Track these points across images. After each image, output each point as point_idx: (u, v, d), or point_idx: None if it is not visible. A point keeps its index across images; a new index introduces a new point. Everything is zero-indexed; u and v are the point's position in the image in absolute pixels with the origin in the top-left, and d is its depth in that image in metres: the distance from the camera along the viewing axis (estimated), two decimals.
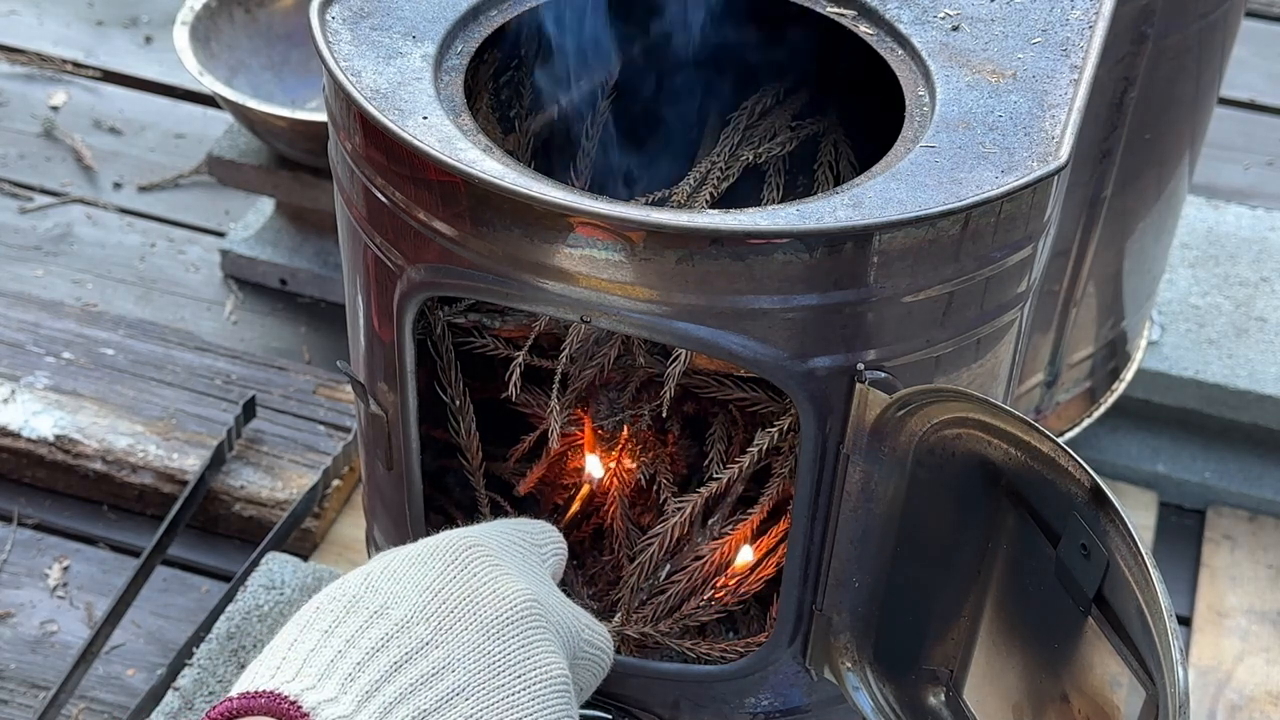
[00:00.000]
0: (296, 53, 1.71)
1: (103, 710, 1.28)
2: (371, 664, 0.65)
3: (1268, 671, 1.32)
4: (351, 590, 0.69)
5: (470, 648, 0.67)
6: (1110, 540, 0.71)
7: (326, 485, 1.42)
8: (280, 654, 0.66)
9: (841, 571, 0.85)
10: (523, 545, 0.77)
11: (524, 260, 0.76)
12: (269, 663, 0.65)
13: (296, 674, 0.64)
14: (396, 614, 0.67)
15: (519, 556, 0.75)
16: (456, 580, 0.69)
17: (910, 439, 0.79)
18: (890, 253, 0.74)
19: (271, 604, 1.25)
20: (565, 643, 0.73)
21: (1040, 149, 0.78)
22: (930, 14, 0.88)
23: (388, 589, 0.69)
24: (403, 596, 0.68)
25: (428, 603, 0.68)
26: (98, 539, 1.43)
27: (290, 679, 0.64)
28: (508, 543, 0.76)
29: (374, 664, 0.65)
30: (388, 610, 0.67)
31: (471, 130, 0.80)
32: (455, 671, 0.66)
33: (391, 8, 0.87)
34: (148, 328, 1.57)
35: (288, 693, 0.63)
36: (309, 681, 0.64)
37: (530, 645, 0.69)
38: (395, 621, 0.67)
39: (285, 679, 0.64)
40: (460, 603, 0.69)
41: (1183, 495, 1.48)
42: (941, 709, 0.88)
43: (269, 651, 0.66)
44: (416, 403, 0.89)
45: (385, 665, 0.65)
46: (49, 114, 1.94)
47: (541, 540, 0.79)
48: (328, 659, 0.65)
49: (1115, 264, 1.24)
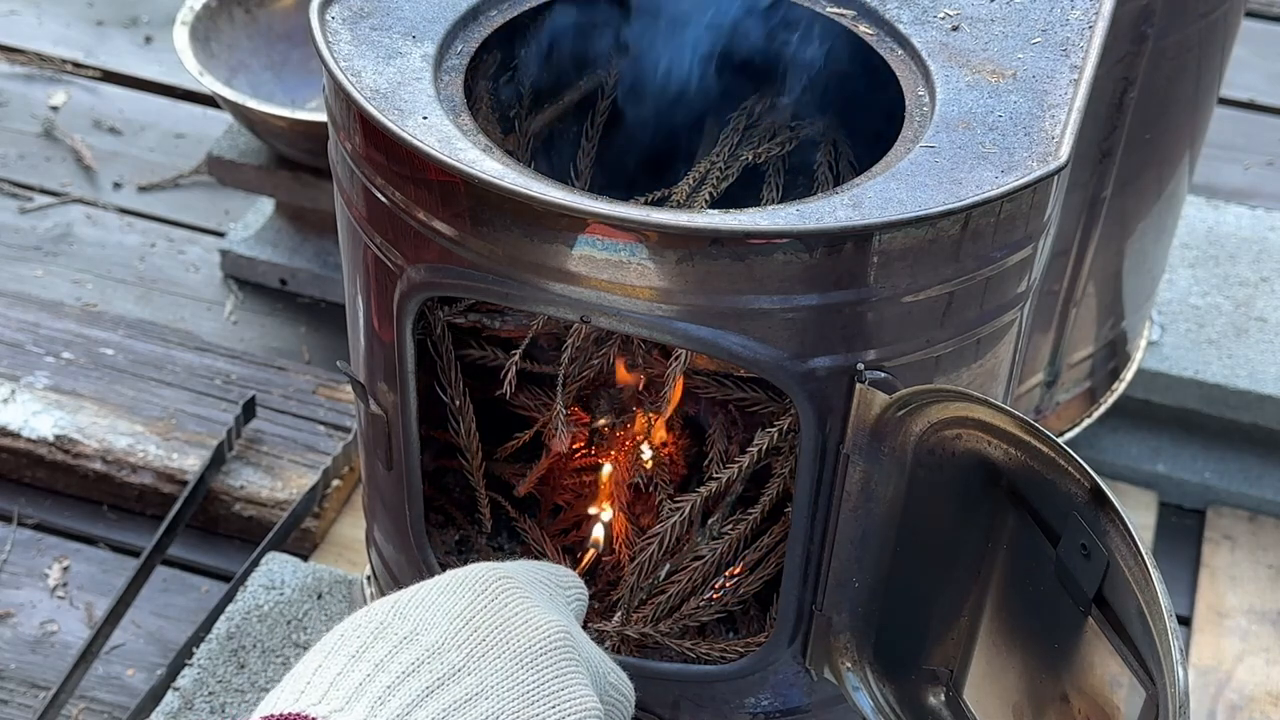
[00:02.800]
0: (296, 53, 1.71)
1: (103, 710, 1.28)
2: (402, 688, 0.63)
3: (1268, 671, 1.32)
4: (379, 617, 0.67)
5: (503, 676, 0.65)
6: (1110, 540, 0.71)
7: (326, 485, 1.42)
8: (305, 678, 0.63)
9: (841, 571, 0.85)
10: (548, 584, 0.76)
11: (524, 260, 0.76)
12: (293, 687, 0.63)
13: (323, 697, 0.62)
14: (427, 640, 0.65)
15: (546, 595, 0.74)
16: (488, 610, 0.68)
17: (910, 439, 0.79)
18: (890, 253, 0.74)
19: (271, 604, 1.25)
20: (594, 680, 0.71)
21: (1040, 149, 0.78)
22: (930, 14, 0.88)
23: (417, 615, 0.67)
24: (433, 623, 0.66)
25: (459, 630, 0.66)
26: (98, 539, 1.43)
27: (316, 701, 0.62)
28: (535, 579, 0.74)
29: (404, 688, 0.63)
30: (418, 636, 0.65)
31: (471, 130, 0.80)
32: (488, 699, 0.64)
33: (391, 8, 0.87)
34: (148, 328, 1.57)
35: (315, 715, 0.61)
36: (336, 704, 0.62)
37: (563, 676, 0.67)
38: (426, 647, 0.65)
39: (311, 701, 0.62)
40: (492, 631, 0.67)
41: (1183, 495, 1.48)
42: (941, 709, 0.88)
43: (292, 677, 0.64)
44: (416, 403, 0.89)
45: (416, 690, 0.63)
46: (49, 114, 1.94)
47: (566, 584, 0.78)
48: (356, 682, 0.63)
49: (1115, 264, 1.24)
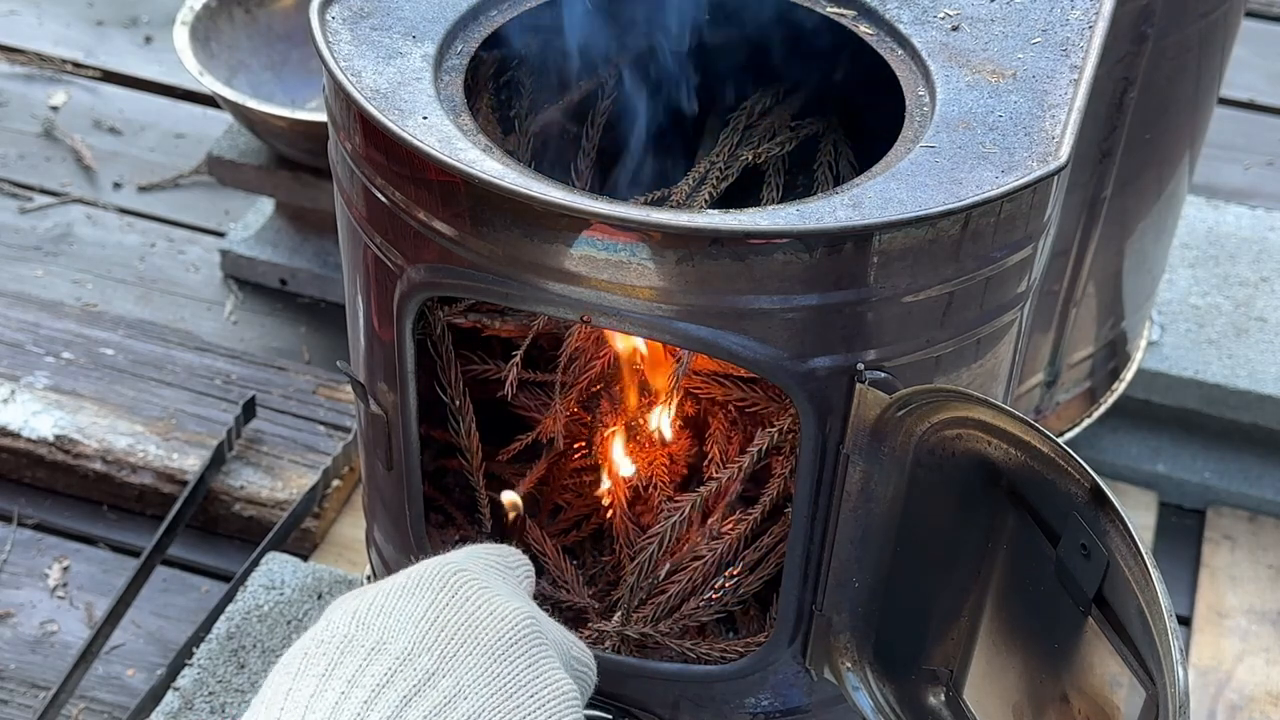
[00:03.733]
0: (296, 53, 1.71)
1: (103, 710, 1.28)
2: (379, 702, 0.62)
3: (1268, 671, 1.32)
4: (340, 630, 0.65)
5: (479, 673, 0.65)
6: (1110, 540, 0.71)
7: (326, 485, 1.42)
8: (277, 703, 0.62)
9: (841, 571, 0.85)
10: (500, 568, 0.75)
11: (524, 260, 0.76)
12: (266, 715, 0.62)
13: None
14: (395, 648, 0.64)
15: (500, 579, 0.73)
16: (450, 606, 0.67)
17: (910, 439, 0.79)
18: (890, 253, 0.74)
19: (271, 604, 1.25)
20: (561, 658, 0.71)
21: (1040, 149, 0.78)
22: (930, 14, 0.88)
23: (381, 624, 0.65)
24: (398, 629, 0.65)
25: (425, 632, 0.65)
26: (98, 539, 1.43)
27: None
28: (487, 565, 0.73)
29: (381, 701, 0.62)
30: (385, 645, 0.64)
31: (471, 130, 0.80)
32: (467, 698, 0.63)
33: (391, 8, 0.87)
34: (148, 328, 1.57)
35: None
36: None
37: (536, 664, 0.67)
38: (396, 655, 0.64)
39: None
40: (459, 629, 0.66)
41: (1183, 495, 1.48)
42: (941, 709, 0.88)
43: (262, 703, 0.62)
44: (416, 403, 0.89)
45: (393, 701, 0.62)
46: (49, 114, 1.94)
47: (513, 563, 0.77)
48: (331, 702, 0.61)
49: (1115, 264, 1.24)
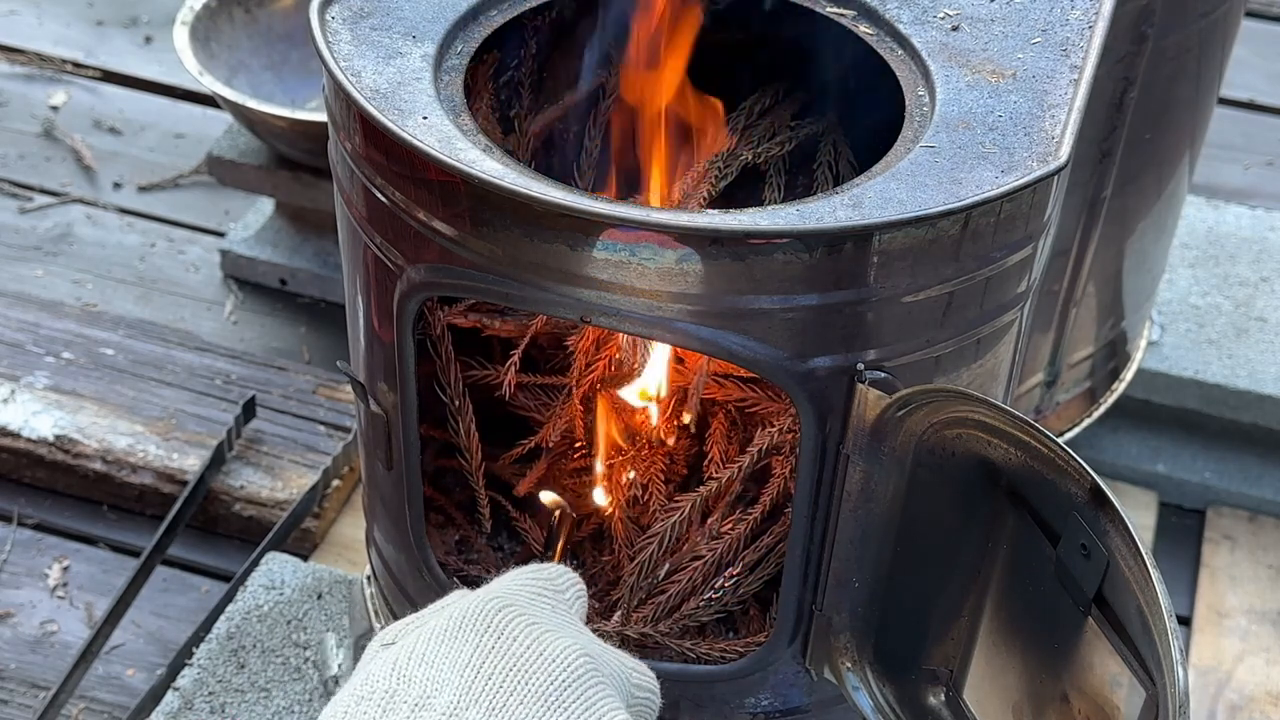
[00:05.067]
0: (296, 53, 1.71)
1: (103, 710, 1.28)
2: None
3: (1268, 671, 1.32)
4: (381, 685, 0.61)
5: None
6: (1110, 540, 0.71)
7: (326, 485, 1.42)
8: None
9: (841, 571, 0.85)
10: (548, 594, 0.70)
11: (524, 260, 0.76)
12: None
13: None
14: (440, 702, 0.59)
15: (549, 608, 0.68)
16: (496, 650, 0.62)
17: (910, 439, 0.79)
18: (890, 253, 0.74)
19: (271, 604, 1.25)
20: (620, 692, 0.66)
21: (1040, 149, 0.78)
22: (930, 14, 0.88)
23: (423, 676, 0.61)
24: (442, 681, 0.60)
25: (472, 683, 0.60)
26: (98, 539, 1.43)
27: None
28: (534, 595, 0.69)
29: None
30: (429, 701, 0.59)
31: (471, 130, 0.80)
32: None
33: (391, 8, 0.87)
34: (148, 328, 1.57)
35: None
36: None
37: (593, 706, 0.62)
38: (442, 711, 0.59)
39: None
40: (507, 676, 0.61)
41: (1183, 495, 1.48)
42: (941, 709, 0.88)
43: None
44: (416, 403, 0.89)
45: None
46: (49, 114, 1.94)
47: (563, 585, 0.72)
48: None
49: (1115, 264, 1.24)
